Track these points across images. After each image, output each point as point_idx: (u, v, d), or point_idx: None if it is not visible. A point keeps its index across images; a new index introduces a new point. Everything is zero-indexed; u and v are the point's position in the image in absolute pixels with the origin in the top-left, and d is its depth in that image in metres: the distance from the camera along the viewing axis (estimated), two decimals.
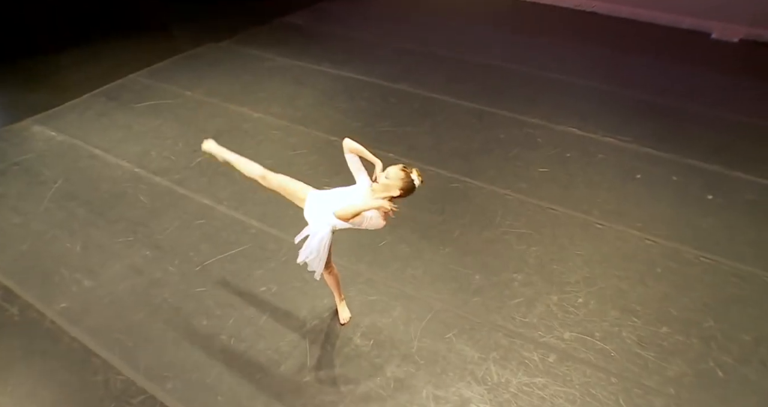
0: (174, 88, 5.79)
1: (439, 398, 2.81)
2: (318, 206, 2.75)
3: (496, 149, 4.83)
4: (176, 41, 6.85)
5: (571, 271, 3.57)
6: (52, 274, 3.57)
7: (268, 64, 6.34)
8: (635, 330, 3.16)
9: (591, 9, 7.88)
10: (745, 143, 4.88)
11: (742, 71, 6.25)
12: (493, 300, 3.36)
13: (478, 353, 3.03)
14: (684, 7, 7.10)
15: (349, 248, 3.71)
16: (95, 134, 5.03)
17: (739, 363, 2.97)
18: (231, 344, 3.10)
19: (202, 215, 4.06)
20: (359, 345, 3.09)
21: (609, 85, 5.85)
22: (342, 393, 2.83)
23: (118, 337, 3.15)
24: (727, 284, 3.46)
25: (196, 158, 4.67)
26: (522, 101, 5.55)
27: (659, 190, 4.31)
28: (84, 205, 4.16)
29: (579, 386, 2.86)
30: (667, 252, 3.70)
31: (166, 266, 3.61)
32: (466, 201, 4.21)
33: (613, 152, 4.77)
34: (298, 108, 5.46)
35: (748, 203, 4.15)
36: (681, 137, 4.95)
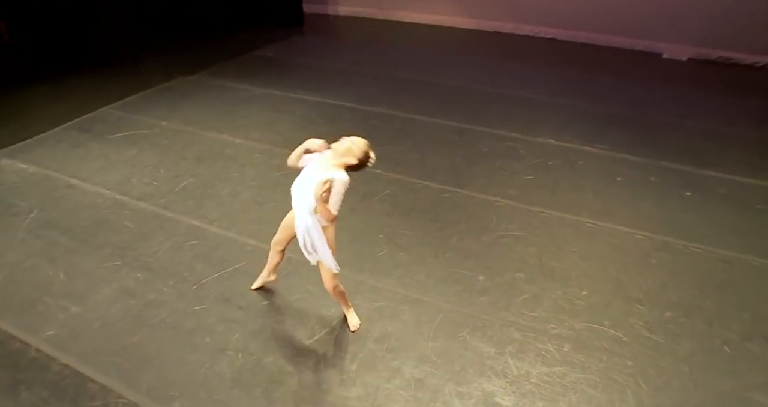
0: (148, 119, 5.77)
1: (462, 394, 2.79)
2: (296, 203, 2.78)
3: (480, 162, 5.02)
4: (146, 76, 6.88)
5: (570, 267, 3.69)
6: (35, 303, 3.39)
7: (242, 95, 6.45)
8: (641, 316, 3.27)
9: (550, 36, 8.47)
10: (709, 145, 5.27)
11: (694, 86, 6.82)
12: (499, 299, 3.42)
13: (493, 348, 3.05)
14: (636, 31, 7.76)
15: (348, 258, 3.70)
16: (70, 165, 4.92)
17: (742, 339, 3.11)
18: (239, 358, 2.99)
19: (193, 236, 3.99)
20: (374, 349, 3.05)
21: (578, 102, 6.25)
22: (362, 397, 2.77)
23: (114, 360, 2.99)
24: (716, 270, 3.65)
25: (181, 183, 4.63)
26: (498, 118, 5.83)
27: (640, 190, 4.56)
28: (64, 233, 4.02)
29: (597, 371, 2.91)
30: (658, 245, 3.89)
31: (160, 288, 3.50)
32: (459, 209, 4.32)
33: (592, 158, 5.04)
34: (279, 133, 5.54)
35: (722, 197, 4.44)
36: (652, 143, 5.30)
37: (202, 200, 4.41)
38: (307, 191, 2.68)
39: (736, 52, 7.29)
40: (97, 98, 6.22)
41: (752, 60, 7.24)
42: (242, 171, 4.83)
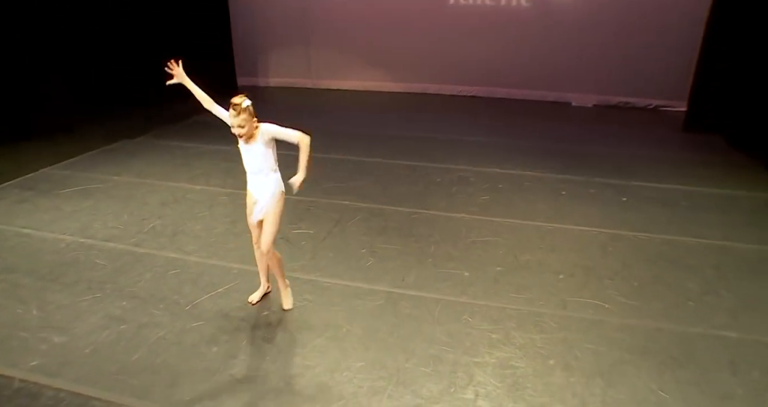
0: (98, 176, 5.78)
1: (478, 363, 3.01)
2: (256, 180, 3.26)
3: (437, 189, 5.53)
4: (86, 140, 6.89)
5: (541, 259, 4.14)
6: (7, 339, 3.22)
7: (192, 151, 6.65)
8: (614, 288, 3.74)
9: (471, 93, 9.63)
10: (630, 165, 6.20)
11: (603, 125, 8.03)
12: (488, 288, 3.75)
13: (495, 325, 3.34)
14: (547, 84, 9.08)
15: (338, 270, 3.95)
16: (18, 218, 4.78)
17: (700, 295, 3.65)
18: (253, 361, 3.03)
19: (173, 266, 4.01)
20: (384, 338, 3.22)
21: (512, 141, 7.11)
22: (385, 377, 2.90)
23: (117, 378, 2.90)
24: (663, 250, 4.28)
25: (149, 225, 4.66)
26: (444, 156, 6.48)
27: (584, 199, 5.26)
28: (28, 275, 3.88)
29: (592, 331, 3.28)
30: (611, 237, 4.50)
31: (150, 311, 3.47)
32: (429, 225, 4.71)
33: (536, 180, 5.74)
34: (238, 178, 5.63)
35: (653, 199, 5.24)
36: (584, 166, 6.14)
37: (175, 237, 4.46)
38: (258, 161, 3.18)
39: (633, 97, 8.75)
40: (33, 161, 6.11)
41: (646, 103, 8.71)
42: (211, 211, 4.96)
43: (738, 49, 6.92)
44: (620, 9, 8.38)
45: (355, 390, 2.82)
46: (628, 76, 8.64)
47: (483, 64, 9.42)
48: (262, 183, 3.24)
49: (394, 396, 2.78)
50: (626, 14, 8.36)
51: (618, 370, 2.96)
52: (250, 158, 3.22)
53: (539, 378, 2.90)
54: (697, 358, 3.06)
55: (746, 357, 3.06)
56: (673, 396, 2.77)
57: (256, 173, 3.24)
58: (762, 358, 3.05)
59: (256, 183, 3.27)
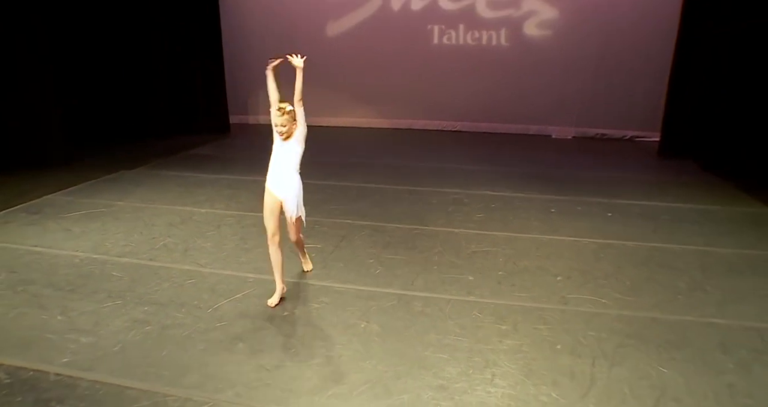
0: (102, 201, 5.98)
1: (492, 350, 3.26)
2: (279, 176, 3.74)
3: (434, 209, 5.88)
4: (84, 171, 7.10)
5: (539, 265, 4.47)
6: (36, 340, 3.36)
7: (192, 180, 6.92)
8: (609, 287, 4.07)
9: (456, 128, 10.20)
10: (613, 186, 6.69)
11: (583, 154, 8.61)
12: (492, 289, 4.04)
13: (504, 320, 3.61)
14: (528, 118, 9.72)
15: (349, 277, 4.22)
16: (29, 238, 4.94)
17: (690, 290, 4.00)
18: (281, 353, 3.22)
19: (189, 276, 4.22)
20: (399, 328, 3.46)
21: (499, 168, 7.59)
22: (406, 363, 3.13)
23: (148, 370, 3.07)
24: (652, 255, 4.65)
25: (159, 243, 4.87)
26: (438, 181, 6.89)
27: (572, 215, 5.66)
28: (47, 286, 4.03)
29: (593, 322, 3.57)
30: (601, 246, 4.87)
31: (173, 315, 3.65)
32: (431, 239, 5.03)
33: (526, 200, 6.16)
34: (242, 203, 6.03)
35: (636, 214, 5.68)
36: (570, 188, 6.60)
37: (187, 252, 4.68)
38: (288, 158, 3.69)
39: (609, 129, 9.44)
40: (33, 190, 6.29)
41: (621, 134, 9.39)
42: (219, 231, 5.20)
43: (703, 82, 7.66)
44: (594, 48, 9.18)
45: (380, 374, 3.04)
46: (604, 109, 9.35)
47: (466, 100, 10.06)
48: (286, 181, 3.71)
49: (417, 378, 3.01)
50: (600, 52, 9.16)
51: (620, 352, 3.25)
52: (282, 155, 3.69)
53: (549, 361, 3.17)
54: (690, 341, 3.37)
55: (734, 339, 3.38)
56: (672, 371, 3.06)
57: (283, 170, 3.71)
58: (748, 339, 3.37)
59: (279, 181, 3.72)
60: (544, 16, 9.40)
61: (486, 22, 9.68)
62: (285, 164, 3.70)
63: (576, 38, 9.23)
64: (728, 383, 2.96)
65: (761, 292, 3.99)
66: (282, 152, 3.71)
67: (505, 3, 9.51)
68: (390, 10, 10.06)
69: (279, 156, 3.71)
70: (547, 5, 9.35)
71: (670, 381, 2.98)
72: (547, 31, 9.46)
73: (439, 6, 9.82)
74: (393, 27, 10.12)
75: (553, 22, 9.39)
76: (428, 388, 2.93)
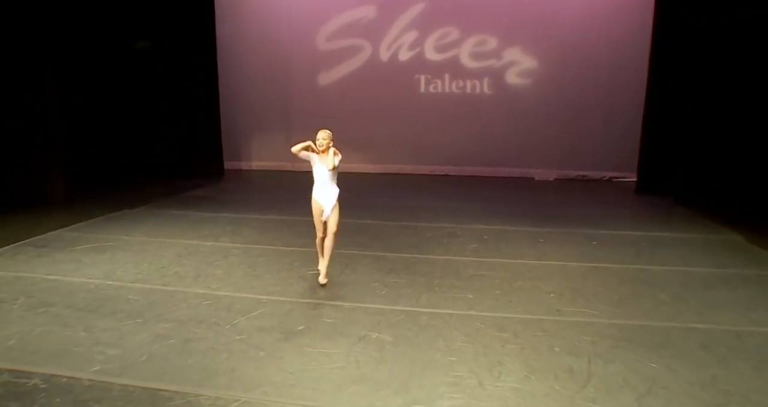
0: (108, 236, 6.25)
1: (496, 352, 3.59)
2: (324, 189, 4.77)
3: (431, 241, 6.29)
4: (87, 210, 7.36)
5: (532, 286, 4.86)
6: (64, 353, 3.58)
7: (194, 217, 7.25)
8: (600, 301, 4.47)
9: (443, 172, 10.77)
10: (595, 219, 7.22)
11: (564, 195, 9.22)
12: (492, 305, 4.40)
13: (504, 329, 3.95)
14: (512, 162, 10.37)
15: (358, 296, 4.56)
16: (41, 268, 5.17)
17: (673, 301, 4.42)
18: (300, 360, 3.50)
19: (205, 298, 4.49)
20: (412, 337, 3.78)
21: (488, 205, 8.10)
22: (419, 364, 3.44)
23: (178, 375, 3.32)
24: (635, 275, 5.10)
25: (170, 271, 5.15)
26: (430, 218, 7.33)
27: (560, 244, 6.12)
28: (67, 308, 4.26)
29: (588, 330, 3.94)
30: (588, 268, 5.31)
31: (193, 330, 3.91)
32: (431, 266, 5.40)
33: (515, 232, 6.61)
34: (246, 237, 6.36)
35: (618, 242, 6.18)
36: (554, 222, 7.09)
37: (199, 278, 4.97)
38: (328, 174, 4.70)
39: (589, 171, 10.11)
40: (39, 226, 6.53)
41: (600, 175, 10.07)
42: (227, 260, 5.50)
43: (674, 125, 8.43)
44: (572, 95, 10.01)
45: (396, 374, 3.34)
46: (583, 152, 10.06)
47: (453, 145, 10.71)
48: (328, 192, 4.76)
49: (431, 376, 3.32)
50: (577, 99, 9.99)
51: (612, 353, 3.61)
52: (322, 171, 4.72)
53: (549, 360, 3.51)
54: (675, 342, 3.75)
55: (714, 340, 3.78)
56: (660, 366, 3.42)
57: (324, 183, 4.75)
58: (727, 340, 3.78)
59: (323, 192, 4.77)
60: (524, 66, 10.29)
61: (470, 71, 10.52)
62: (325, 179, 4.74)
63: (554, 86, 10.07)
64: (711, 375, 3.32)
65: (735, 302, 4.44)
66: (322, 168, 4.72)
67: (487, 54, 10.39)
68: (379, 61, 10.86)
69: (319, 172, 4.75)
70: (527, 56, 10.25)
71: (659, 373, 3.34)
72: (527, 79, 10.31)
73: (425, 57, 10.66)
74: (382, 77, 10.87)
75: (532, 71, 10.27)
76: (442, 384, 3.23)
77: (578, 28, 9.87)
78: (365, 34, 10.84)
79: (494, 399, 3.10)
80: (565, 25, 9.94)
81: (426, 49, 10.69)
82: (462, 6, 10.33)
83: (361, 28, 10.81)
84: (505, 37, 10.32)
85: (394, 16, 10.65)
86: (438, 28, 10.52)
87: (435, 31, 10.55)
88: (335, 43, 10.97)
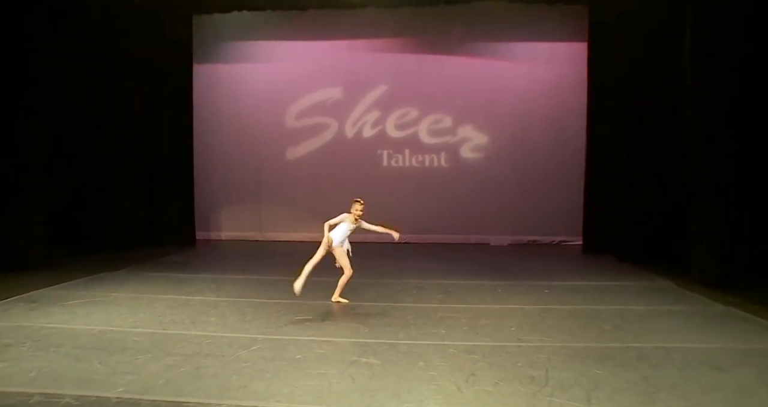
0: (96, 293, 6.72)
1: (469, 369, 4.33)
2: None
3: (401, 293, 7.10)
4: (67, 273, 7.78)
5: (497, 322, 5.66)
6: (86, 381, 4.06)
7: (175, 278, 7.79)
8: (554, 331, 5.31)
9: (405, 240, 11.66)
10: (546, 275, 8.22)
11: (519, 258, 10.26)
12: (462, 336, 5.17)
13: (474, 352, 4.71)
14: (468, 229, 11.45)
15: (341, 334, 5.23)
16: (37, 319, 5.59)
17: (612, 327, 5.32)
18: (302, 379, 4.12)
19: (205, 338, 5.05)
20: (396, 360, 4.47)
21: (447, 266, 9.04)
22: (410, 380, 4.13)
23: (197, 391, 3.86)
24: (583, 313, 6.01)
25: (166, 319, 5.69)
26: (397, 275, 8.19)
27: (516, 293, 7.04)
28: (75, 348, 4.73)
29: (545, 351, 4.74)
30: (543, 309, 6.20)
31: (201, 361, 4.47)
32: (403, 311, 6.16)
33: (477, 286, 7.54)
34: (231, 292, 6.95)
35: (567, 290, 7.15)
36: (510, 278, 8.06)
37: (195, 324, 5.53)
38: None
39: (540, 236, 11.30)
40: (23, 286, 6.92)
41: (550, 240, 11.26)
42: (218, 310, 6.08)
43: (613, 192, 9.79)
44: (520, 167, 11.43)
45: (388, 385, 4.01)
46: (534, 219, 11.30)
47: (413, 215, 11.69)
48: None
49: (416, 385, 4.00)
50: (526, 172, 11.40)
51: (566, 365, 4.40)
52: (351, 231, 6.47)
53: (513, 372, 4.25)
54: (615, 356, 4.60)
55: (647, 353, 4.65)
56: (604, 371, 4.24)
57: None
58: (657, 353, 4.66)
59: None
60: (477, 142, 11.72)
61: (428, 147, 11.85)
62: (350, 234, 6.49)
63: (504, 159, 11.47)
64: (643, 375, 4.17)
65: (665, 329, 5.41)
66: (351, 230, 6.56)
67: (443, 131, 11.80)
68: (344, 137, 12.07)
69: (350, 232, 6.55)
70: (478, 133, 11.72)
71: (603, 376, 4.15)
72: (480, 154, 11.71)
73: (387, 133, 11.95)
74: (347, 152, 12.03)
75: (484, 146, 11.69)
76: (426, 390, 3.92)
77: (522, 108, 11.46)
78: (332, 113, 12.11)
79: (471, 399, 3.81)
80: (510, 106, 11.52)
81: (388, 127, 12.01)
82: (420, 89, 11.83)
83: (328, 108, 12.10)
84: (458, 116, 11.81)
85: (358, 97, 12.02)
86: (398, 108, 11.93)
87: (396, 110, 11.94)
88: (303, 120, 12.17)
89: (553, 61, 11.49)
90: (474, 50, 11.74)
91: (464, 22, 11.32)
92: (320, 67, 12.08)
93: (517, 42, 11.74)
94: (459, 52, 11.73)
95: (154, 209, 10.66)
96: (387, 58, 11.98)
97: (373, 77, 12.00)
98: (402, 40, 11.86)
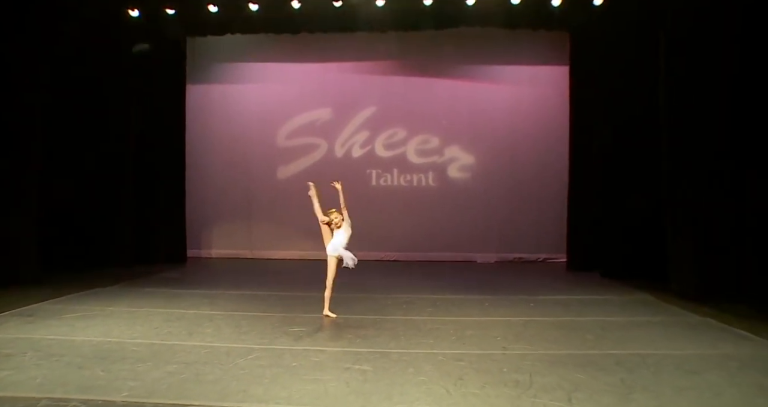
0: (92, 307, 6.89)
1: (458, 374, 4.59)
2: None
3: (391, 307, 7.34)
4: (60, 289, 7.92)
5: (483, 333, 5.94)
6: (91, 386, 4.25)
7: (169, 293, 7.98)
8: (537, 340, 5.60)
9: (394, 258, 11.98)
10: (532, 290, 8.53)
11: (505, 273, 10.60)
12: (450, 345, 5.44)
13: (462, 360, 4.98)
14: (455, 247, 11.77)
15: (335, 344, 5.48)
16: (35, 332, 5.76)
17: (594, 336, 5.62)
18: (300, 385, 4.35)
19: (203, 348, 5.27)
20: (387, 367, 4.72)
21: (437, 282, 9.33)
22: (402, 384, 4.38)
23: (199, 394, 4.08)
24: (565, 323, 6.30)
25: (163, 331, 5.89)
26: (385, 290, 8.45)
27: (502, 306, 7.33)
28: (77, 357, 4.92)
29: (530, 358, 5.02)
30: (527, 321, 6.49)
31: (201, 369, 4.68)
32: (393, 323, 6.41)
33: (464, 300, 7.84)
34: (225, 307, 7.15)
35: (552, 304, 7.46)
36: (497, 293, 8.36)
37: (192, 335, 5.73)
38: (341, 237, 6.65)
39: (525, 254, 11.65)
40: (18, 302, 7.06)
41: (535, 257, 11.62)
42: (213, 323, 6.29)
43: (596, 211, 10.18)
44: (506, 187, 11.83)
45: (381, 388, 4.26)
46: (519, 237, 11.67)
47: (402, 233, 12.07)
48: (340, 249, 6.80)
49: (408, 388, 4.26)
50: (512, 191, 11.81)
51: (549, 370, 4.69)
52: (337, 236, 6.86)
53: (499, 377, 4.53)
54: (596, 362, 4.90)
55: (625, 359, 4.95)
56: (585, 376, 4.52)
57: (338, 243, 6.72)
58: (633, 359, 4.96)
59: (336, 248, 6.81)
60: (463, 162, 12.13)
61: (416, 166, 12.23)
62: (340, 241, 6.73)
63: (491, 179, 11.88)
64: (621, 378, 4.47)
65: (643, 338, 5.74)
66: (337, 234, 6.83)
67: (430, 151, 12.21)
68: (333, 157, 12.41)
69: (337, 237, 6.84)
70: (465, 153, 12.14)
71: (584, 380, 4.44)
72: (467, 173, 12.11)
73: (375, 153, 12.33)
74: (336, 171, 12.24)
75: (470, 166, 12.10)
76: (417, 393, 4.18)
77: (507, 129, 11.93)
78: (322, 133, 12.47)
79: (459, 401, 4.07)
80: (496, 127, 11.99)
81: (376, 147, 12.39)
82: (408, 110, 12.25)
83: (317, 128, 12.47)
84: (445, 136, 12.23)
85: (347, 118, 12.41)
86: (387, 129, 12.33)
87: (384, 131, 12.35)
88: (294, 140, 12.51)
89: (537, 84, 12.01)
90: (460, 73, 12.23)
91: (452, 46, 11.79)
92: (311, 89, 12.49)
93: (502, 65, 12.27)
94: (446, 74, 12.22)
95: (146, 227, 10.83)
96: (375, 80, 12.43)
97: (362, 99, 12.42)
98: (390, 62, 12.32)
